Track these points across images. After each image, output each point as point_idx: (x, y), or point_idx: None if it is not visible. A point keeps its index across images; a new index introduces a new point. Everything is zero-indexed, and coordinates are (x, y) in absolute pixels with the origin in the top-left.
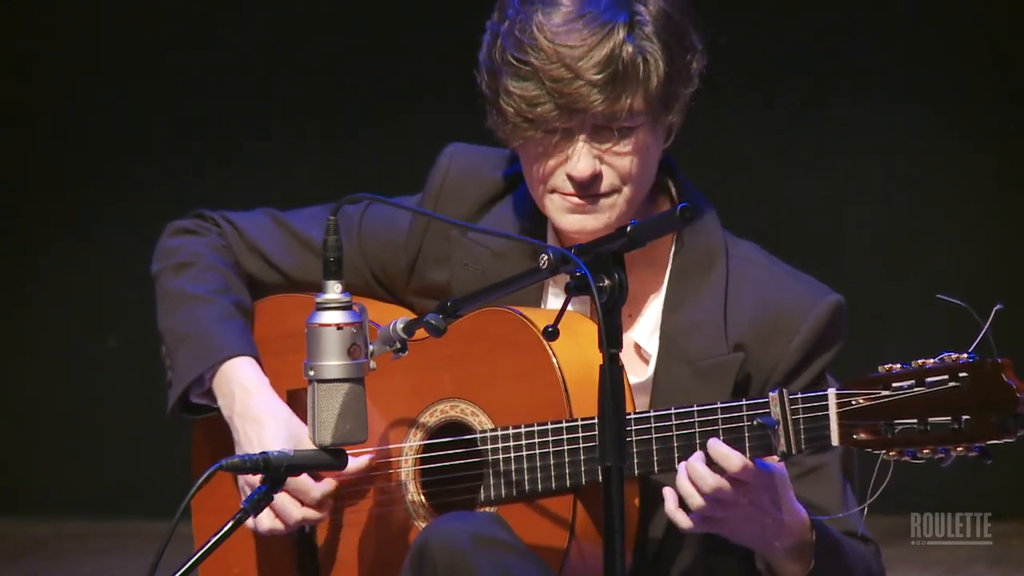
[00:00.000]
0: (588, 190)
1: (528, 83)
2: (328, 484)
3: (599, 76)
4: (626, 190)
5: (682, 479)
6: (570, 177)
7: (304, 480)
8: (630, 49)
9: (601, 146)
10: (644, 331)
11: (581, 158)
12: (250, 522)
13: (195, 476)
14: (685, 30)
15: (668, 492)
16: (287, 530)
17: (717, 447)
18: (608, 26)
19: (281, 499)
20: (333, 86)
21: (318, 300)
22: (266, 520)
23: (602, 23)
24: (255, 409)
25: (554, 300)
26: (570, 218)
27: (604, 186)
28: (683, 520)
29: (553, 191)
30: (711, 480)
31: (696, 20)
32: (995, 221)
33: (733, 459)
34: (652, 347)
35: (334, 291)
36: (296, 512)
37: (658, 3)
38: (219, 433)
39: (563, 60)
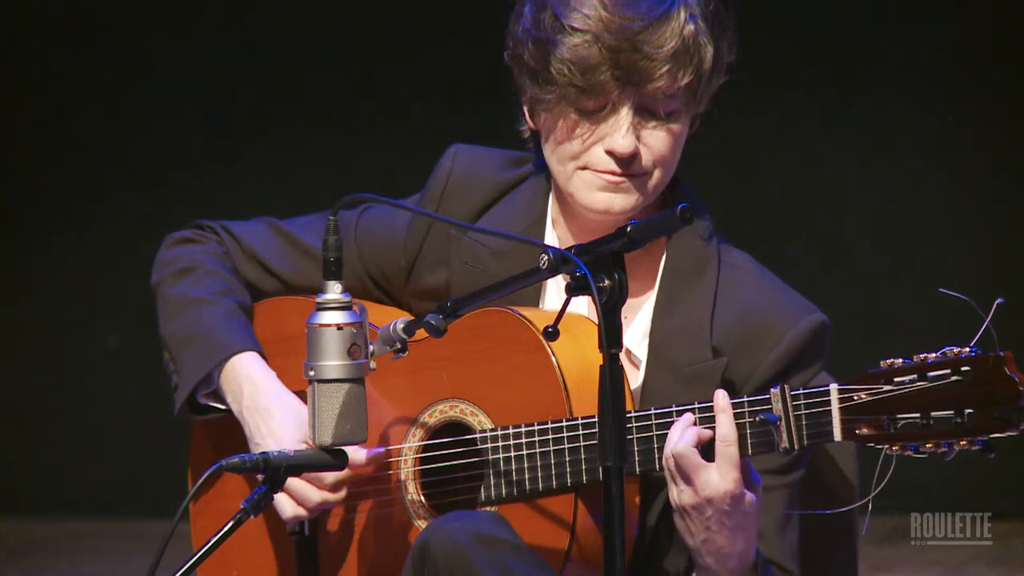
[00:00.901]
0: (627, 167)
1: (587, 51)
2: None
3: (661, 51)
4: (656, 174)
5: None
6: (610, 153)
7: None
8: (691, 28)
9: (642, 126)
10: (634, 336)
11: (625, 133)
12: (280, 510)
13: (193, 478)
14: (728, 23)
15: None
16: (310, 515)
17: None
18: (667, 3)
19: (298, 485)
20: (333, 86)
21: (318, 300)
22: (289, 507)
23: (660, 0)
24: (265, 401)
25: (552, 300)
26: (600, 196)
27: (638, 167)
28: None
29: (585, 167)
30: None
31: (736, 16)
32: (996, 218)
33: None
34: (642, 353)
35: (334, 291)
36: (315, 495)
37: None
38: (218, 434)
39: (624, 31)
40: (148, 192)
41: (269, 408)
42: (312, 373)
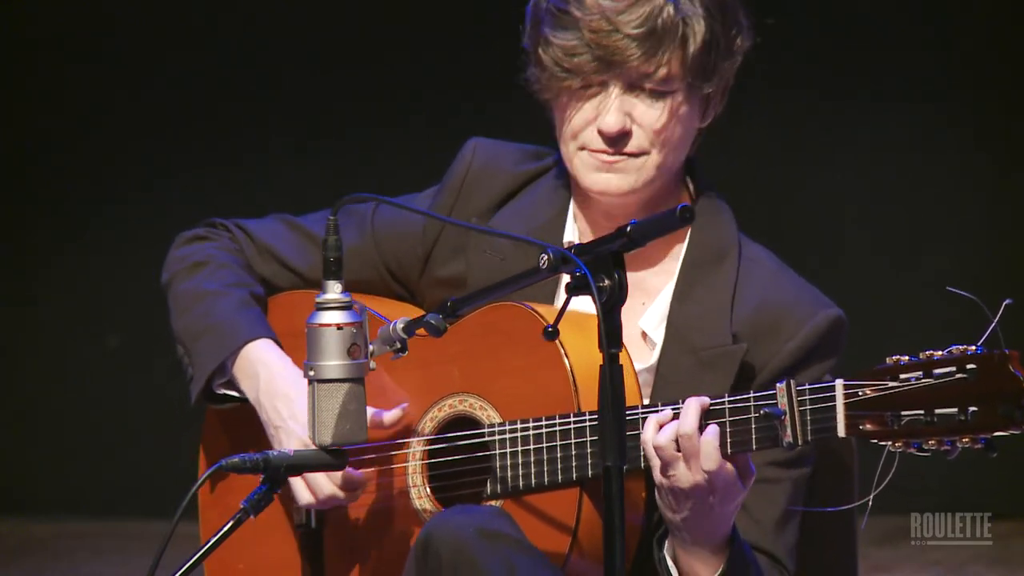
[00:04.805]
0: (617, 146)
1: (568, 33)
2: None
3: (638, 31)
4: (655, 154)
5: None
6: (600, 132)
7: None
8: (671, 10)
9: (634, 105)
10: (652, 320)
11: (611, 112)
12: (297, 495)
13: (201, 472)
14: (732, 5)
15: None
16: (319, 505)
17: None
18: None
19: (313, 476)
20: (333, 86)
21: (318, 300)
22: (304, 494)
23: None
24: (283, 386)
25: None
26: (596, 176)
27: (633, 146)
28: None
29: (582, 148)
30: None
31: (745, 2)
32: (998, 217)
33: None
34: (658, 336)
35: (334, 291)
36: (326, 488)
37: None
38: (230, 425)
39: (604, 12)
40: (148, 192)
41: (288, 392)
42: (312, 373)
